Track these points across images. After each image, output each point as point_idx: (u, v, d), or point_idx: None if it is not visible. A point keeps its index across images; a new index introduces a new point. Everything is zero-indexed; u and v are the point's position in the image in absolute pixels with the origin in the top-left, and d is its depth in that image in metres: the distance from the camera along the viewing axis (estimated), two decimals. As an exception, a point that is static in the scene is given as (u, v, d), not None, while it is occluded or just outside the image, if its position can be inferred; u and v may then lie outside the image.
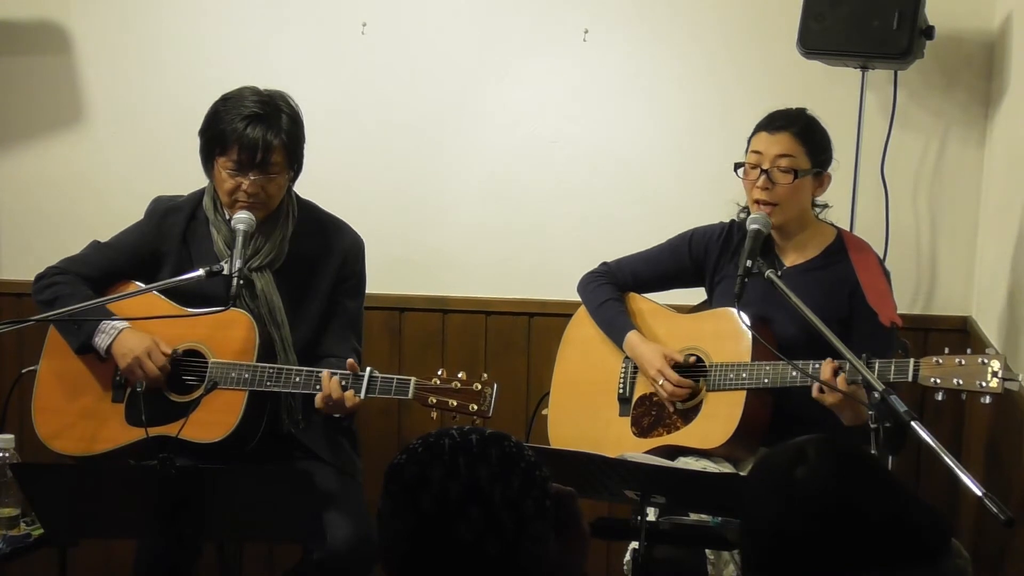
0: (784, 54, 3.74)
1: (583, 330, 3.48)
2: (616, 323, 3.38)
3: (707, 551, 2.96)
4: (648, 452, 3.18)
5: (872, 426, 2.66)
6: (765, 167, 3.19)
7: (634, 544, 2.78)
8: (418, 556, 1.72)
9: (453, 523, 1.69)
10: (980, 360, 2.80)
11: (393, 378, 3.09)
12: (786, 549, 1.88)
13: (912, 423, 2.56)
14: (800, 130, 3.21)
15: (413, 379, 3.08)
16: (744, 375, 3.13)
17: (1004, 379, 2.77)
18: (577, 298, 3.55)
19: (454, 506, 1.70)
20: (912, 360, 2.87)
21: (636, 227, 3.95)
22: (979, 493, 2.42)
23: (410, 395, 3.07)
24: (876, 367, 2.86)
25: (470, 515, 1.69)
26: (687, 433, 3.21)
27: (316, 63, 4.11)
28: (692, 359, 3.24)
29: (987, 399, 2.79)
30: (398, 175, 4.13)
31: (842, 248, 3.28)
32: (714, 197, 3.44)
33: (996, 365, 2.78)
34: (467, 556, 1.70)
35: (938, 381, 2.83)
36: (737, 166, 3.25)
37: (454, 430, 1.78)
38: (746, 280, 3.07)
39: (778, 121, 3.23)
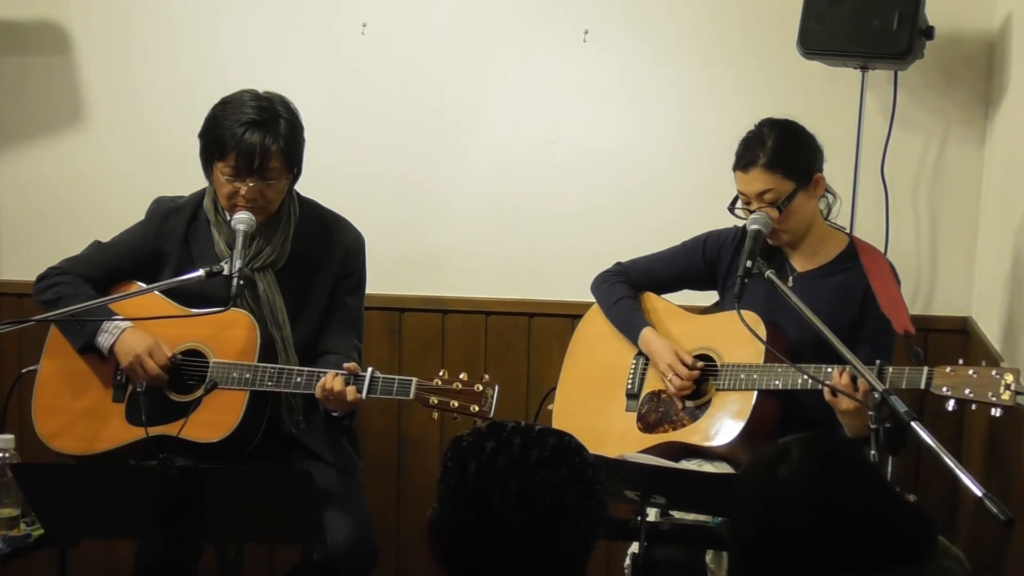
0: (784, 54, 3.73)
1: (595, 327, 3.48)
2: (631, 320, 3.39)
3: (707, 554, 2.96)
4: (652, 448, 3.19)
5: (872, 426, 2.66)
6: (754, 208, 3.19)
7: (633, 548, 2.78)
8: (454, 520, 1.80)
9: (490, 490, 1.77)
10: (993, 372, 2.79)
11: (395, 378, 3.09)
12: (768, 548, 1.88)
13: (912, 423, 2.56)
14: (769, 159, 3.16)
15: (415, 379, 3.08)
16: (755, 376, 3.13)
17: (1017, 392, 2.76)
18: (578, 298, 3.55)
19: (496, 476, 1.77)
20: (926, 369, 2.86)
21: (636, 227, 3.95)
22: (979, 493, 2.42)
23: (411, 396, 3.07)
24: (888, 374, 2.87)
25: (508, 488, 1.76)
26: (693, 429, 3.20)
27: (316, 63, 4.11)
28: (700, 363, 3.24)
29: (997, 411, 2.77)
30: (398, 175, 4.13)
31: (854, 254, 3.28)
32: (715, 197, 3.43)
33: (1010, 378, 2.76)
34: (495, 525, 1.76)
35: (950, 391, 2.82)
36: (731, 208, 3.25)
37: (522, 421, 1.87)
38: (746, 280, 3.07)
39: (745, 157, 3.21)
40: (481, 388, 3.05)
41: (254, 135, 3.16)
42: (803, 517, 1.86)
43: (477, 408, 3.04)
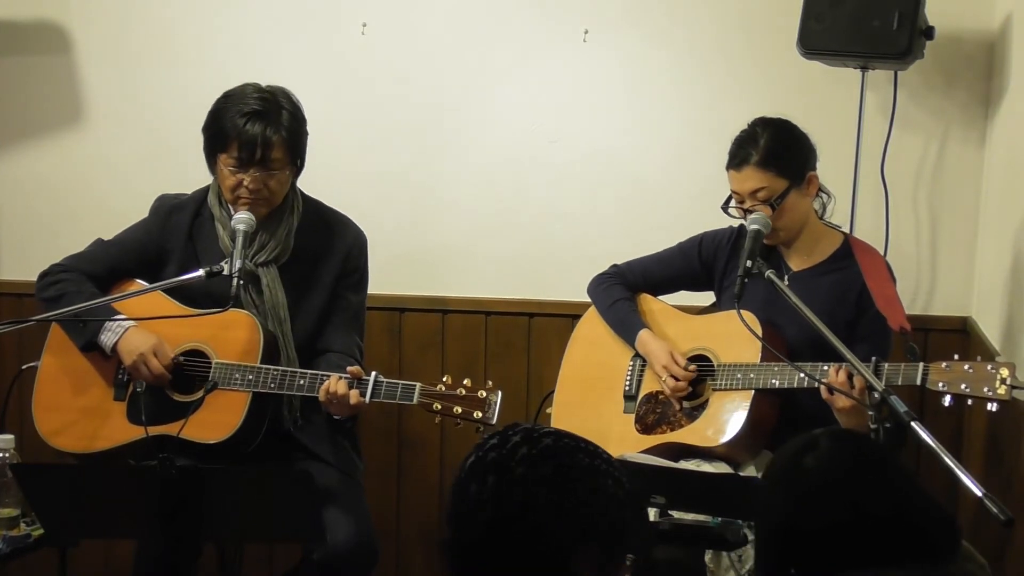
0: (784, 54, 3.73)
1: (592, 328, 3.48)
2: (628, 322, 3.39)
3: (707, 554, 2.96)
4: (651, 449, 3.19)
5: (872, 426, 2.66)
6: (747, 207, 3.20)
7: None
8: (452, 509, 1.82)
9: (471, 482, 1.78)
10: (989, 367, 2.79)
11: (398, 383, 3.09)
12: (791, 538, 1.88)
13: (912, 423, 2.56)
14: (762, 157, 3.18)
15: (418, 385, 3.07)
16: (752, 375, 3.13)
17: (1013, 387, 2.76)
18: (577, 298, 3.54)
19: (482, 469, 1.78)
20: (922, 365, 2.87)
21: (636, 227, 3.95)
22: (979, 493, 2.42)
23: (415, 400, 3.07)
24: (884, 371, 2.87)
25: (486, 481, 1.77)
26: (691, 430, 3.21)
27: (316, 63, 4.11)
28: (693, 366, 3.24)
29: (994, 406, 2.78)
30: (398, 175, 4.13)
31: (849, 253, 3.29)
32: (714, 197, 3.43)
33: (1005, 373, 2.77)
34: (470, 516, 1.78)
35: (946, 386, 2.83)
36: (724, 207, 3.25)
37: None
38: (746, 280, 3.08)
39: (738, 156, 3.21)
40: (485, 394, 3.05)
41: (255, 125, 3.17)
42: (826, 508, 1.86)
43: (480, 414, 3.04)
